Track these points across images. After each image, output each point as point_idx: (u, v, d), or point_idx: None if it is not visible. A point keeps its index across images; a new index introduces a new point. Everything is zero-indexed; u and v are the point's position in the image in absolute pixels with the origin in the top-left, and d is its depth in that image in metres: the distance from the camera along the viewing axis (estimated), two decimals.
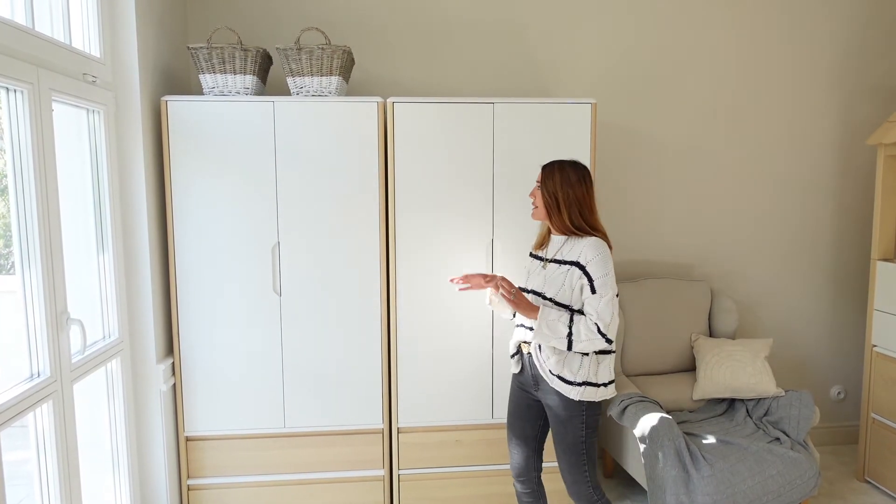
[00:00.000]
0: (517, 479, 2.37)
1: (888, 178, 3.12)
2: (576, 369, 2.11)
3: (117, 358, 2.41)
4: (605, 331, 2.03)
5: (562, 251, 2.14)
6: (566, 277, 2.09)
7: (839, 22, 3.45)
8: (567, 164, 2.15)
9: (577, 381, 2.10)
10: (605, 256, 2.06)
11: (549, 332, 2.06)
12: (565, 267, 2.10)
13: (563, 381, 2.11)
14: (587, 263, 2.05)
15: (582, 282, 2.06)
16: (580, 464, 2.17)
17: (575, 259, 2.08)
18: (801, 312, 3.64)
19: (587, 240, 2.09)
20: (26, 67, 1.82)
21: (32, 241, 1.86)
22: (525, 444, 2.32)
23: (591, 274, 2.05)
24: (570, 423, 2.14)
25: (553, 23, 3.27)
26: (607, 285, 2.05)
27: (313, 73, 2.63)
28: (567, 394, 2.11)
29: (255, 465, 2.74)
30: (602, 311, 2.03)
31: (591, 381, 2.11)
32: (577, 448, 2.16)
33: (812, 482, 2.68)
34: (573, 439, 2.15)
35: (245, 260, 2.64)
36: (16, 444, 2.12)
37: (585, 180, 2.13)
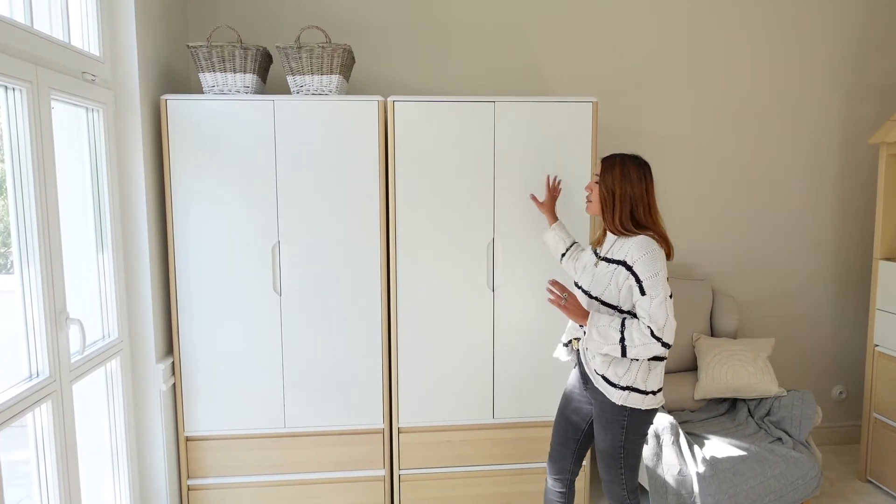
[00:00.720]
0: (552, 476, 2.32)
1: (890, 177, 3.11)
2: (622, 373, 2.02)
3: (117, 358, 2.40)
4: (660, 334, 1.91)
5: (612, 249, 2.08)
6: (612, 277, 2.02)
7: (840, 21, 3.44)
8: (628, 158, 2.07)
9: (620, 384, 2.02)
10: (653, 255, 1.96)
11: (601, 339, 1.98)
12: (613, 266, 2.03)
13: (606, 382, 2.05)
14: (633, 263, 1.97)
15: (629, 282, 1.98)
16: (616, 467, 2.11)
17: (622, 258, 2.01)
18: (803, 312, 3.63)
19: (635, 238, 2.00)
20: (25, 66, 1.81)
21: (31, 240, 1.85)
22: (565, 445, 2.28)
23: (638, 274, 1.96)
24: (610, 427, 2.07)
25: (554, 21, 3.26)
26: (658, 286, 1.93)
27: (313, 71, 2.62)
28: (609, 396, 2.04)
29: (256, 465, 2.74)
30: (654, 313, 1.92)
31: (637, 388, 2.02)
32: (615, 453, 2.09)
33: (814, 482, 2.67)
34: (611, 443, 2.09)
35: (245, 259, 2.63)
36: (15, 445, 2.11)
37: (646, 177, 2.06)
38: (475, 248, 2.71)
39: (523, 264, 2.73)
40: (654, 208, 2.07)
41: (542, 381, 2.80)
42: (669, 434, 2.56)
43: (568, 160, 2.71)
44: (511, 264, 2.73)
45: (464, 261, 2.71)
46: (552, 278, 2.10)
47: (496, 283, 2.73)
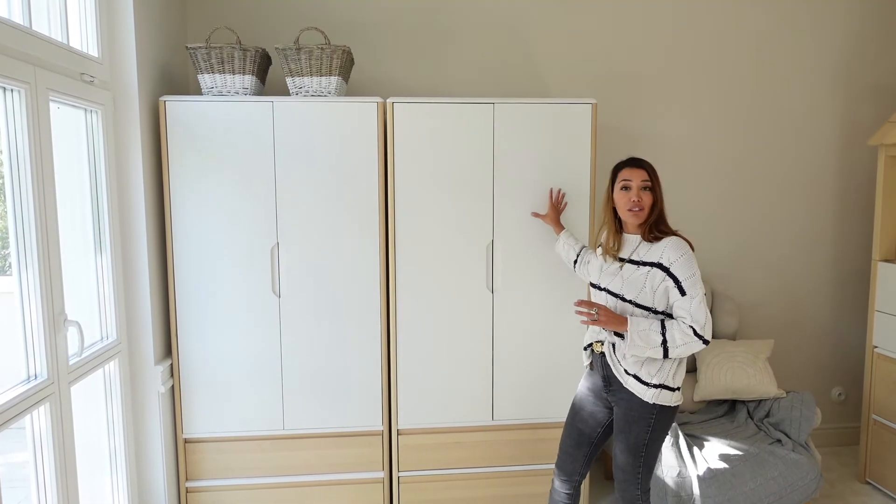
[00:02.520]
0: (561, 479, 2.31)
1: (889, 178, 3.11)
2: (654, 371, 2.05)
3: (115, 360, 2.40)
4: (702, 332, 1.95)
5: (638, 252, 2.08)
6: (647, 279, 2.03)
7: (840, 22, 3.44)
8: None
9: (652, 382, 2.05)
10: (690, 256, 2.01)
11: (643, 343, 1.99)
12: (645, 269, 2.04)
13: (638, 382, 2.06)
14: (671, 265, 1.99)
15: (666, 284, 2.00)
16: (636, 465, 2.12)
17: (656, 260, 2.02)
18: (802, 313, 3.63)
19: (668, 240, 2.03)
20: (24, 67, 1.81)
21: (30, 241, 1.85)
22: (579, 448, 2.27)
23: (676, 275, 1.99)
24: (637, 425, 2.08)
25: (553, 23, 3.26)
26: (696, 286, 1.98)
27: (312, 73, 2.61)
28: (641, 395, 2.05)
29: (254, 467, 2.73)
30: (695, 312, 1.96)
31: (667, 385, 2.05)
32: (637, 450, 2.11)
33: (813, 484, 2.67)
34: (635, 441, 2.10)
35: (244, 261, 2.62)
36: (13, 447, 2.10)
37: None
38: (474, 250, 2.71)
39: (523, 266, 2.73)
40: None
41: (541, 382, 2.79)
42: (669, 436, 2.56)
43: (567, 162, 2.71)
44: (510, 266, 2.73)
45: (463, 262, 2.71)
46: (577, 300, 2.10)
47: (495, 285, 2.73)
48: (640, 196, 2.09)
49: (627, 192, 2.10)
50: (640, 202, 2.08)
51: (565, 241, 2.55)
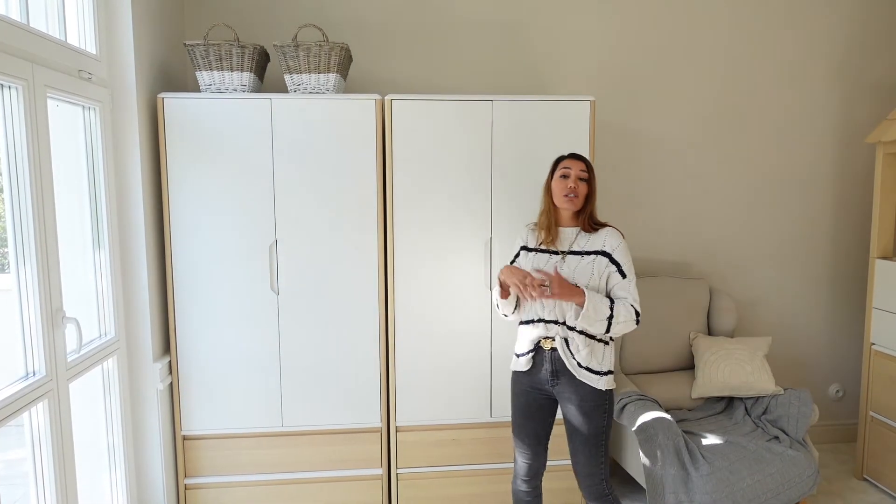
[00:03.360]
0: (525, 480, 2.34)
1: (887, 176, 3.12)
2: (601, 359, 2.18)
3: (113, 357, 2.40)
4: (639, 311, 2.15)
5: (578, 243, 2.21)
6: (594, 266, 2.16)
7: (838, 20, 3.44)
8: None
9: (603, 370, 2.17)
10: (626, 243, 2.21)
11: (594, 314, 2.08)
12: (590, 257, 2.17)
13: (591, 373, 2.16)
14: (613, 251, 2.17)
15: (610, 269, 2.16)
16: (599, 455, 2.19)
17: (599, 249, 2.18)
18: (800, 310, 3.64)
19: (606, 230, 2.21)
20: (21, 64, 1.80)
21: (28, 238, 1.85)
22: (537, 443, 2.31)
23: (618, 260, 2.16)
24: (595, 414, 2.17)
25: (552, 20, 3.26)
26: (632, 270, 2.18)
27: (311, 70, 2.61)
28: (596, 384, 2.16)
29: (253, 464, 2.73)
30: (634, 293, 2.15)
31: (611, 370, 2.21)
32: (598, 439, 2.18)
33: (811, 480, 2.68)
34: (596, 430, 2.17)
35: (242, 258, 2.62)
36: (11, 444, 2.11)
37: None
38: (473, 247, 2.71)
39: None
40: None
41: None
42: (666, 432, 2.56)
43: None
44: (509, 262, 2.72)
45: (461, 259, 2.71)
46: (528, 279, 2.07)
47: (494, 282, 2.72)
48: (577, 184, 2.20)
49: (565, 181, 2.21)
50: (575, 189, 2.20)
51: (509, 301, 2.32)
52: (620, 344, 3.16)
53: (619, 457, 3.03)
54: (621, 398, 2.83)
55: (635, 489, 3.17)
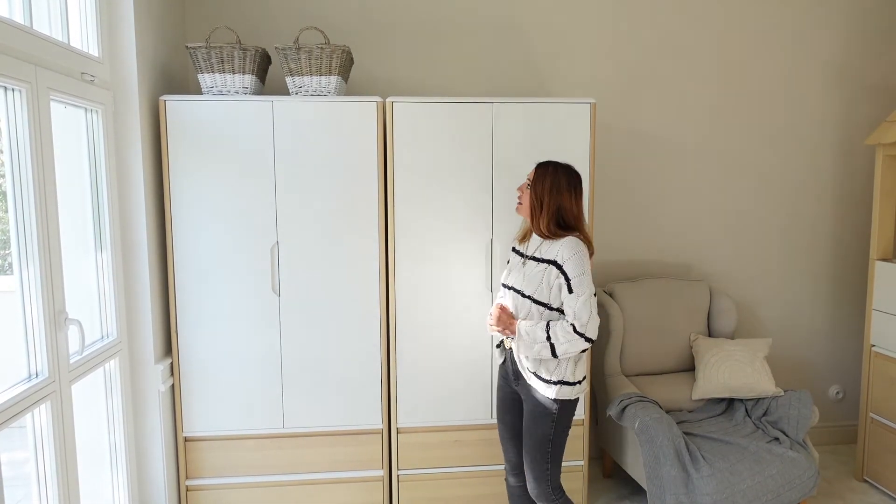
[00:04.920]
0: (511, 473, 2.39)
1: (887, 177, 3.12)
2: (552, 368, 2.13)
3: (115, 358, 2.40)
4: (583, 330, 2.03)
5: (540, 249, 2.17)
6: (544, 275, 2.11)
7: (838, 22, 3.45)
8: (561, 168, 2.16)
9: (553, 379, 2.13)
10: (582, 255, 2.07)
11: (530, 339, 2.08)
12: (543, 265, 2.12)
13: (539, 379, 2.15)
14: (564, 262, 2.07)
15: (559, 280, 2.08)
16: (543, 461, 2.19)
17: (552, 258, 2.10)
18: (800, 312, 3.65)
19: (565, 239, 2.10)
20: (24, 66, 1.81)
21: (30, 240, 1.85)
22: (517, 437, 2.34)
23: (567, 273, 2.07)
24: (541, 420, 2.16)
25: (552, 22, 3.27)
26: (584, 284, 2.06)
27: (312, 72, 2.62)
28: (543, 392, 2.14)
29: (254, 465, 2.74)
30: (579, 310, 2.04)
31: (566, 380, 2.13)
32: (543, 445, 2.18)
33: (811, 482, 2.68)
34: (541, 436, 2.17)
35: (244, 260, 2.63)
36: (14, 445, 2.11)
37: (575, 189, 2.16)
38: (474, 249, 2.72)
39: None
40: (580, 217, 2.17)
41: None
42: (667, 434, 2.57)
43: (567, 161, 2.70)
44: None
45: (462, 261, 2.72)
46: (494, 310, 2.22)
47: (495, 284, 2.73)
48: (523, 191, 2.21)
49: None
50: (520, 197, 2.21)
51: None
52: (621, 345, 3.17)
53: (620, 458, 3.03)
54: (622, 399, 2.83)
55: (636, 490, 3.18)
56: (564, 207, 2.13)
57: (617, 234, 3.43)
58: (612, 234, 3.44)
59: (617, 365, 3.15)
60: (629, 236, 3.46)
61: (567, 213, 2.13)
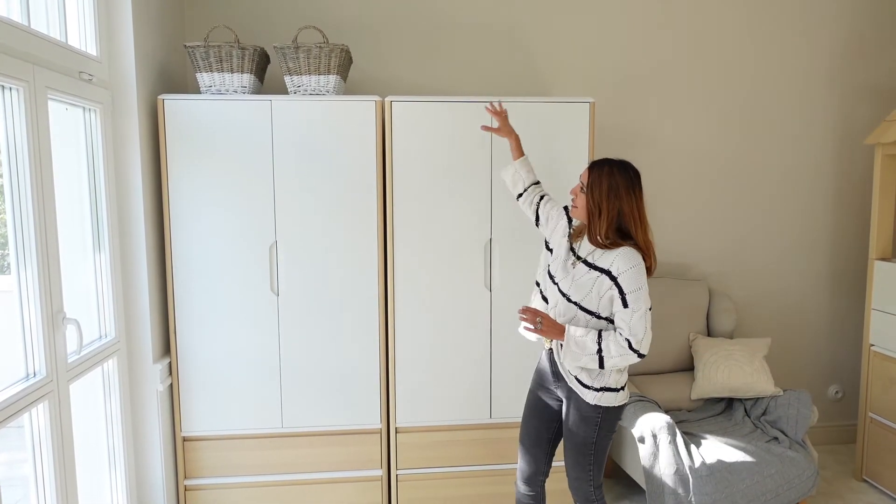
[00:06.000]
0: (524, 481, 2.30)
1: (886, 177, 3.12)
2: (595, 375, 2.05)
3: (114, 358, 2.40)
4: (638, 346, 1.94)
5: (594, 254, 2.03)
6: (594, 285, 1.99)
7: (838, 21, 3.45)
8: (616, 167, 2.00)
9: (595, 386, 2.05)
10: (639, 269, 1.95)
11: (579, 350, 1.98)
12: (595, 273, 1.99)
13: (580, 384, 2.07)
14: (619, 275, 1.95)
15: (612, 293, 1.97)
16: (586, 463, 2.14)
17: (606, 267, 1.97)
18: (800, 312, 3.65)
19: (621, 249, 1.97)
20: (22, 65, 1.81)
21: (28, 239, 1.85)
22: (538, 446, 2.26)
23: (622, 286, 1.95)
24: (584, 424, 2.09)
25: (551, 21, 3.27)
26: (640, 299, 1.95)
27: (311, 71, 2.62)
28: (584, 397, 2.06)
29: (253, 465, 2.73)
30: (635, 326, 1.94)
31: (609, 387, 2.06)
32: (585, 449, 2.12)
33: (810, 481, 2.68)
34: (583, 440, 2.11)
35: (243, 259, 2.63)
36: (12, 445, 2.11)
37: (635, 189, 2.00)
38: (473, 248, 2.71)
39: (521, 264, 2.73)
40: (644, 221, 2.02)
41: None
42: (666, 434, 2.57)
43: (565, 160, 2.71)
44: (508, 264, 2.73)
45: (461, 261, 2.72)
46: (522, 307, 2.07)
47: (493, 284, 2.73)
48: (576, 194, 2.09)
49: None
50: (574, 201, 2.10)
51: (518, 170, 2.32)
52: None
53: (619, 457, 3.03)
54: None
55: (635, 490, 3.18)
56: (625, 212, 1.98)
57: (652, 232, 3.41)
58: None
59: None
60: None
61: (627, 218, 1.98)
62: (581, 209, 2.07)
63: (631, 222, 2.00)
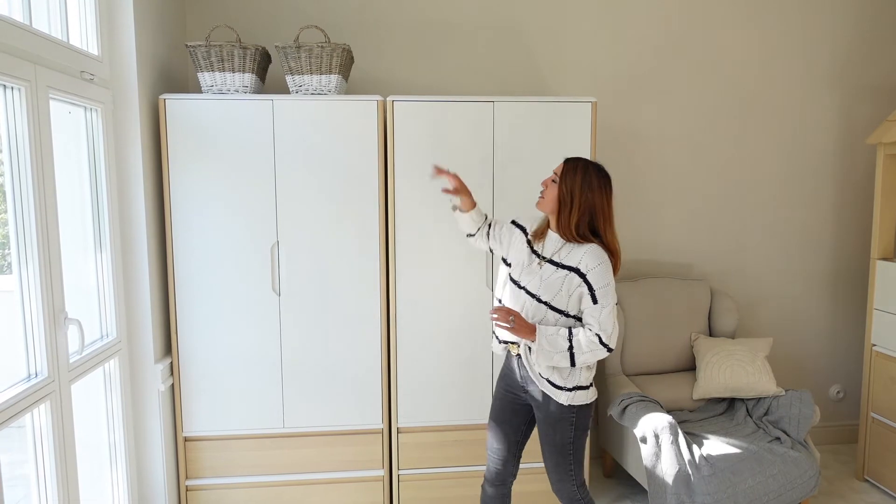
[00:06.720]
0: (490, 483, 2.31)
1: (887, 177, 3.12)
2: (566, 375, 2.08)
3: (115, 358, 2.40)
4: (608, 341, 2.00)
5: (560, 253, 2.07)
6: (564, 283, 2.03)
7: (839, 21, 3.45)
8: (591, 166, 2.06)
9: (568, 386, 2.08)
10: (607, 265, 2.01)
11: (550, 348, 2.00)
12: (563, 272, 2.03)
13: (552, 386, 2.09)
14: (588, 272, 1.99)
15: (581, 290, 2.01)
16: (566, 464, 2.16)
17: (574, 265, 2.02)
18: (801, 311, 3.64)
19: (588, 246, 2.02)
20: (24, 65, 1.80)
21: (30, 239, 1.85)
22: (507, 448, 2.27)
23: (591, 283, 1.99)
24: (560, 426, 2.12)
25: (553, 21, 3.27)
26: (608, 295, 2.00)
27: (312, 71, 2.61)
28: (557, 398, 2.08)
29: (254, 465, 2.73)
30: (604, 321, 1.99)
31: (581, 385, 2.09)
32: (564, 450, 2.14)
33: (812, 481, 2.68)
34: (561, 441, 2.13)
35: (244, 259, 2.62)
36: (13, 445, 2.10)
37: (605, 188, 2.06)
38: (474, 249, 2.71)
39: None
40: (611, 220, 2.09)
41: None
42: (668, 434, 2.56)
43: None
44: None
45: (463, 261, 2.71)
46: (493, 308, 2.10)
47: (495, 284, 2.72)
48: (547, 185, 2.11)
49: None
50: (543, 192, 2.11)
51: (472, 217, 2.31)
52: (622, 345, 3.16)
53: (621, 457, 3.03)
54: (622, 399, 2.83)
55: (637, 490, 3.17)
56: (597, 207, 2.03)
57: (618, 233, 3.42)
58: None
59: (618, 365, 3.15)
60: (630, 236, 3.45)
61: (598, 214, 2.03)
62: (549, 200, 2.09)
63: (601, 219, 2.05)
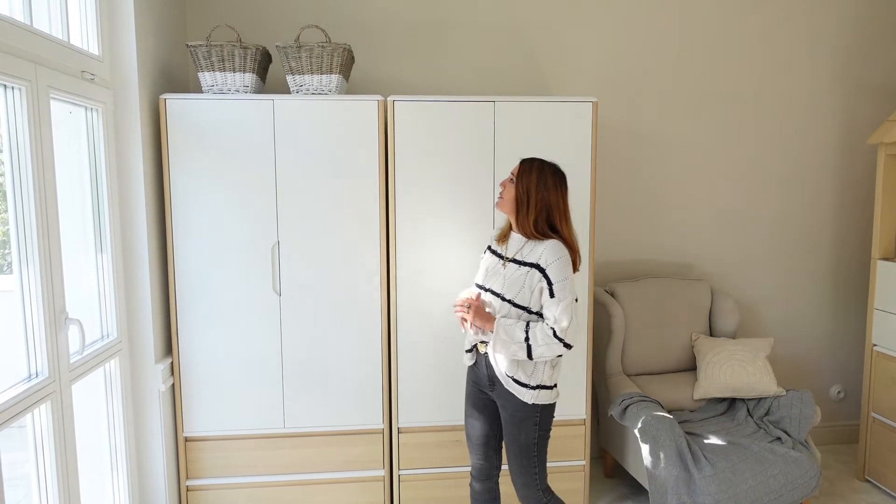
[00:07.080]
0: (476, 478, 2.34)
1: (888, 177, 3.12)
2: (530, 372, 2.10)
3: (116, 358, 2.39)
4: (563, 335, 2.00)
5: (522, 252, 2.11)
6: (526, 279, 2.06)
7: (840, 21, 3.45)
8: (547, 165, 2.12)
9: (531, 384, 2.09)
10: (566, 260, 2.04)
11: (507, 338, 2.03)
12: (525, 269, 2.07)
13: (517, 384, 2.10)
14: (547, 266, 2.03)
15: (541, 285, 2.04)
16: (530, 466, 2.16)
17: (535, 261, 2.06)
18: (802, 312, 3.64)
19: (548, 242, 2.06)
20: (24, 65, 1.80)
21: (30, 239, 1.84)
22: (485, 443, 2.29)
23: (550, 277, 2.03)
24: (524, 425, 2.13)
25: (554, 21, 3.26)
26: (566, 289, 2.03)
27: (313, 71, 2.61)
28: (521, 397, 2.10)
29: (255, 465, 2.73)
30: (559, 315, 2.01)
31: (544, 384, 2.11)
32: (528, 451, 2.15)
33: (813, 482, 2.68)
34: (526, 441, 2.14)
35: (244, 259, 2.62)
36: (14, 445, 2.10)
37: (561, 186, 2.11)
38: (475, 249, 2.71)
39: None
40: (568, 217, 2.13)
41: None
42: (669, 434, 2.56)
43: (568, 160, 2.69)
44: None
45: (464, 261, 2.71)
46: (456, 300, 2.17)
47: None
48: (505, 186, 2.14)
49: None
50: (502, 193, 2.15)
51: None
52: (622, 345, 3.16)
53: (621, 457, 3.03)
54: (623, 399, 2.83)
55: (638, 491, 3.17)
56: (552, 204, 2.08)
57: (618, 233, 3.43)
58: (613, 233, 3.43)
59: (618, 365, 3.15)
60: (630, 235, 3.45)
61: (554, 211, 2.08)
62: (508, 200, 2.13)
63: (557, 216, 2.09)
